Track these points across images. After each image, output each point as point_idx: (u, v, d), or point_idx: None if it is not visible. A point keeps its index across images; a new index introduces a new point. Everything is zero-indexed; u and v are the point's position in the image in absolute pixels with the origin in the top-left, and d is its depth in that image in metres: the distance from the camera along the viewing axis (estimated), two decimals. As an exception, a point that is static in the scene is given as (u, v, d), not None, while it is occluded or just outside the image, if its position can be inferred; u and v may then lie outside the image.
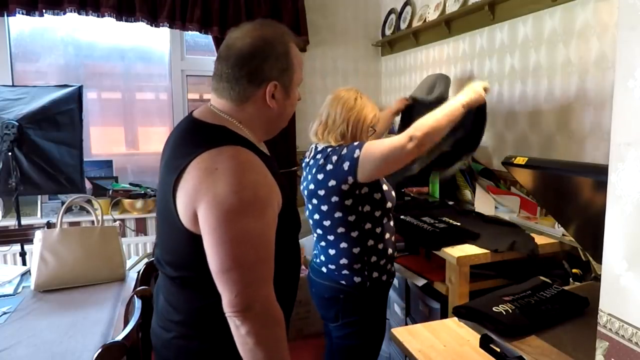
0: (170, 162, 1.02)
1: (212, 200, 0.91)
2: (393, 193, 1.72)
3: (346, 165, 1.55)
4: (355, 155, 1.53)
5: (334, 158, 1.58)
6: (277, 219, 1.00)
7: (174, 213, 0.98)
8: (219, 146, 0.95)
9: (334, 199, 1.61)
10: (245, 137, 1.04)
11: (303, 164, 1.81)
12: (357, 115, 1.65)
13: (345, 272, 1.65)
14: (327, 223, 1.65)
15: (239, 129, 1.04)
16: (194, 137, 1.03)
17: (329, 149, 1.64)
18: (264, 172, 0.98)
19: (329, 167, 1.59)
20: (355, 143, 1.57)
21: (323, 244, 1.70)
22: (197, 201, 0.93)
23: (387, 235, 1.69)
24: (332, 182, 1.59)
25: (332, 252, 1.67)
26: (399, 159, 1.51)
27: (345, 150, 1.57)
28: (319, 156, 1.67)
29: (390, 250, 1.71)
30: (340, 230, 1.63)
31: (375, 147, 1.52)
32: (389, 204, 1.67)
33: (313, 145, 1.78)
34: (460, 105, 1.57)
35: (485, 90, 1.67)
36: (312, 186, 1.66)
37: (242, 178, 0.93)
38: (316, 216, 1.69)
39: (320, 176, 1.63)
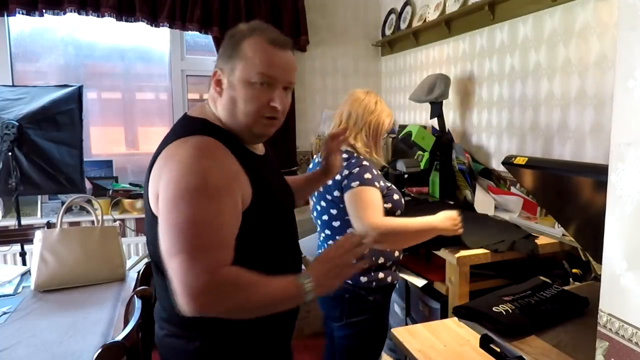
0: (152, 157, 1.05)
1: (164, 185, 0.92)
2: (403, 200, 1.73)
3: (345, 184, 1.58)
4: (353, 185, 1.57)
5: (345, 172, 1.60)
6: (249, 213, 0.97)
7: (146, 201, 1.00)
8: (189, 136, 0.97)
9: (342, 205, 1.63)
10: (224, 128, 1.04)
11: (311, 164, 1.82)
12: (377, 119, 1.69)
13: None
14: (336, 224, 1.67)
15: (219, 121, 1.05)
16: (174, 130, 1.05)
17: (343, 156, 1.65)
18: (224, 160, 0.96)
19: (338, 177, 1.61)
20: (367, 176, 1.58)
21: (331, 242, 1.71)
22: (158, 187, 0.94)
23: None
24: (336, 193, 1.62)
25: None
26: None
27: (356, 171, 1.59)
28: None
29: (397, 253, 1.72)
30: (350, 230, 1.64)
31: (361, 202, 1.55)
32: (399, 212, 1.69)
33: None
34: (433, 229, 1.60)
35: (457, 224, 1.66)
36: (320, 188, 1.68)
37: (194, 163, 0.92)
38: (325, 217, 1.70)
39: (329, 181, 1.64)
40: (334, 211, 1.66)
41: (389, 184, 1.71)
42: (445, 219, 1.62)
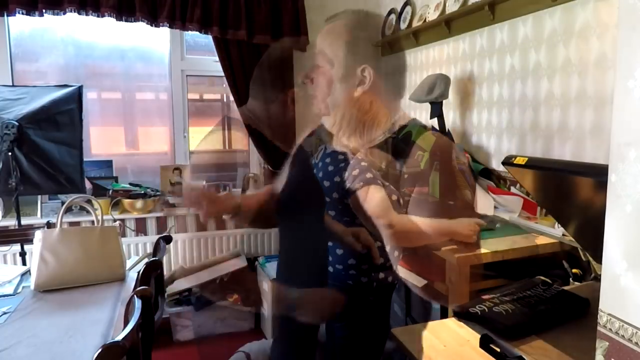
0: None
1: None
2: (401, 201, 1.73)
3: (348, 187, 1.57)
4: (357, 186, 1.55)
5: (345, 174, 1.59)
6: None
7: None
8: None
9: (340, 206, 1.62)
10: None
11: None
12: (372, 119, 1.67)
13: (352, 272, 1.65)
14: None
15: None
16: None
17: (339, 157, 1.64)
18: None
19: (337, 179, 1.60)
20: (368, 176, 1.57)
21: (330, 244, 1.70)
22: None
23: None
24: (335, 195, 1.61)
25: (339, 252, 1.67)
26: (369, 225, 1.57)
27: (356, 172, 1.58)
28: (328, 160, 1.67)
29: (396, 253, 1.72)
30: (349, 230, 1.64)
31: (370, 201, 1.55)
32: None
33: (323, 146, 1.79)
34: (453, 233, 1.58)
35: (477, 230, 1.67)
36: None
37: None
38: None
39: (327, 183, 1.64)
40: (332, 212, 1.66)
41: (386, 184, 1.70)
42: (467, 225, 1.60)
